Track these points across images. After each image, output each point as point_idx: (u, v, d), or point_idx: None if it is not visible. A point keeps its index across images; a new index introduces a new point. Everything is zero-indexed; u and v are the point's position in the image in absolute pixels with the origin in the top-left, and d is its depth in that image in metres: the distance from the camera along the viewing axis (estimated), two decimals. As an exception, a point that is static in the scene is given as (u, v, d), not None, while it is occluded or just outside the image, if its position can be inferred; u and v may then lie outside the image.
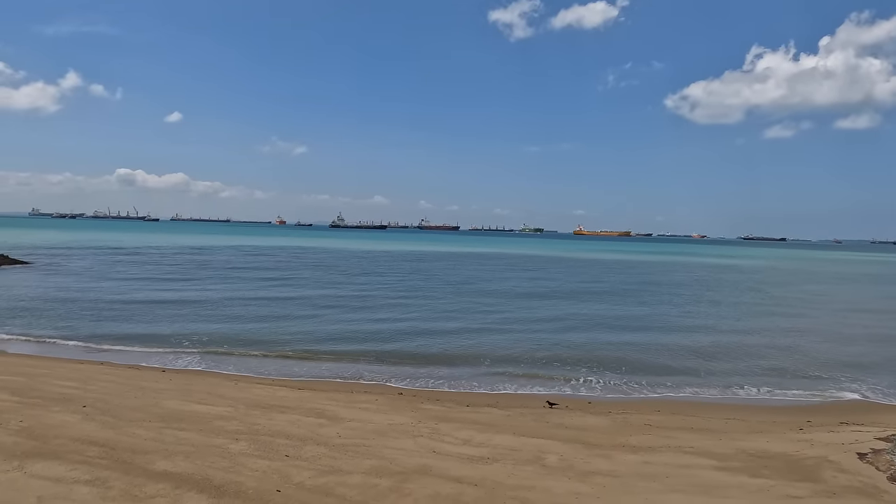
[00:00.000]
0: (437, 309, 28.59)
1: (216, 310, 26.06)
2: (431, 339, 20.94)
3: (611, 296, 37.05)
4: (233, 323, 22.89)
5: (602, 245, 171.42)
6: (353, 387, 14.52)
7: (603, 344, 20.97)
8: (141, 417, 9.52)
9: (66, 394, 11.01)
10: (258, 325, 22.71)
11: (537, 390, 14.91)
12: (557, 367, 17.29)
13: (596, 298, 35.22)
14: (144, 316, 23.90)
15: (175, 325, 21.93)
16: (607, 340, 21.66)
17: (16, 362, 14.90)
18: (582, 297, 35.45)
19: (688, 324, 26.40)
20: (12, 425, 8.47)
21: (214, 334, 20.36)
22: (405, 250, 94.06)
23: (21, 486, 6.16)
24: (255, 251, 77.82)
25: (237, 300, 29.42)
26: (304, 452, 8.11)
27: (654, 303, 34.04)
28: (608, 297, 35.88)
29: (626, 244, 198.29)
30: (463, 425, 10.61)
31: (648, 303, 33.89)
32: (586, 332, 23.26)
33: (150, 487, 6.34)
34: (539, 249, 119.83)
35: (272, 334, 20.84)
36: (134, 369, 15.28)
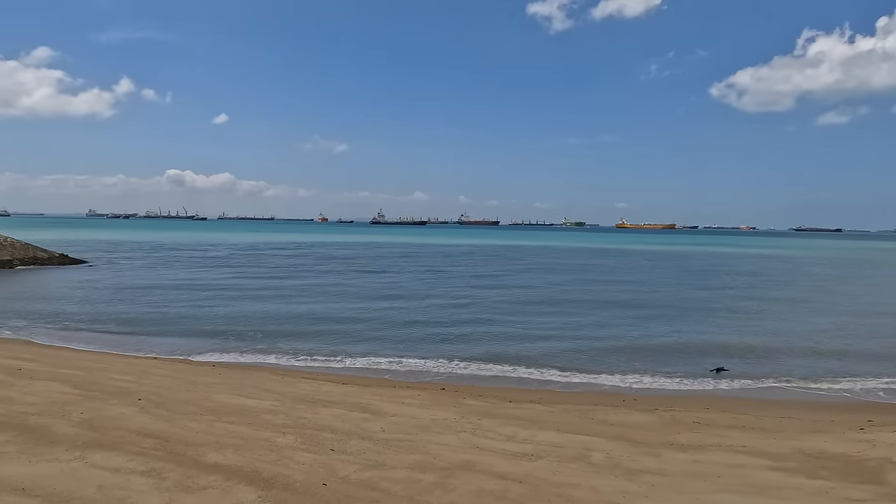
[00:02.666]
0: (483, 305, 28.53)
1: (268, 305, 26.71)
2: (475, 334, 20.91)
3: (657, 288, 36.20)
4: (281, 319, 23.41)
5: (646, 238, 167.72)
6: (395, 382, 14.63)
7: (648, 338, 20.52)
8: (193, 411, 9.82)
9: (122, 387, 11.47)
10: (306, 320, 23.16)
11: (580, 386, 14.70)
12: (601, 362, 17.01)
13: (640, 291, 34.47)
14: (196, 312, 24.69)
15: (224, 321, 22.58)
16: (653, 334, 21.18)
17: (76, 357, 15.62)
18: (625, 290, 34.76)
19: (738, 318, 25.56)
20: (74, 417, 8.87)
21: (265, 329, 20.86)
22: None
23: (82, 476, 6.44)
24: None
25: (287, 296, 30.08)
26: (348, 446, 8.21)
27: (703, 296, 33.10)
28: (653, 290, 35.07)
29: (671, 237, 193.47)
30: (506, 421, 10.55)
31: (697, 296, 32.98)
32: (630, 326, 22.79)
33: (202, 479, 6.53)
34: (582, 242, 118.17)
35: (318, 329, 21.21)
36: (185, 364, 15.80)
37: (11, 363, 13.40)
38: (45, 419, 8.67)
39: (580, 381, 15.14)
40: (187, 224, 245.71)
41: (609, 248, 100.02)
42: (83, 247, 65.18)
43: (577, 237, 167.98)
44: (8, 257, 42.24)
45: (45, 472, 6.46)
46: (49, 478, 6.32)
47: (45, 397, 10.13)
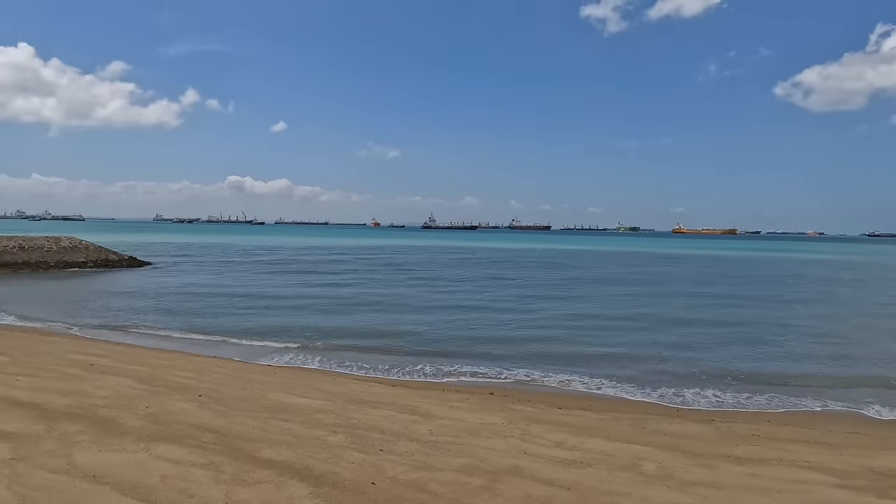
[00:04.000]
0: (535, 308, 28.32)
1: (321, 308, 27.38)
2: (525, 338, 20.77)
3: (717, 294, 34.93)
4: (335, 319, 23.93)
5: (706, 243, 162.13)
6: (444, 385, 14.70)
7: (704, 345, 19.84)
8: (249, 408, 10.18)
9: (184, 384, 12.01)
10: (360, 321, 23.60)
11: (632, 394, 14.37)
12: (655, 370, 16.56)
13: (700, 297, 33.35)
14: (252, 313, 25.55)
15: (279, 322, 23.27)
16: (710, 341, 20.46)
17: (142, 354, 16.44)
18: (684, 295, 33.71)
19: (803, 326, 24.35)
20: (140, 411, 9.36)
21: (318, 331, 21.38)
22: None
23: (147, 466, 6.79)
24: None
25: (347, 297, 30.73)
26: (397, 447, 8.32)
27: (767, 302, 31.72)
28: (714, 296, 33.86)
29: (733, 242, 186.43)
30: (555, 427, 10.44)
31: (760, 302, 31.63)
32: (686, 332, 22.09)
33: (257, 473, 6.77)
34: (639, 247, 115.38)
35: (371, 330, 21.57)
36: (242, 363, 16.37)
37: (85, 358, 14.26)
38: (114, 412, 9.18)
39: (632, 390, 14.79)
40: (246, 228, 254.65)
41: (669, 252, 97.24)
42: (149, 250, 68.52)
43: (634, 242, 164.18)
44: (82, 259, 44.92)
45: (113, 462, 6.85)
46: (117, 467, 6.70)
47: (114, 391, 10.73)
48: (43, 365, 12.99)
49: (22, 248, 43.51)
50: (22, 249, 43.43)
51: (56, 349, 15.78)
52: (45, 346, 16.43)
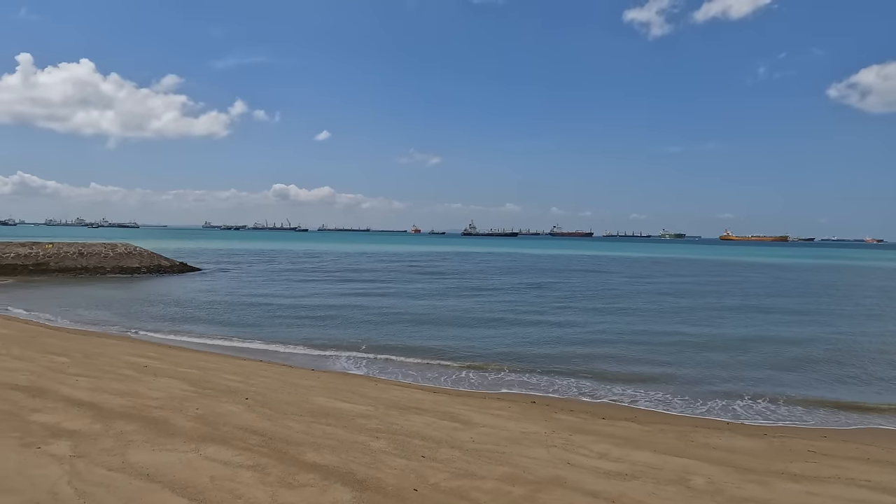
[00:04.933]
0: (581, 317, 27.94)
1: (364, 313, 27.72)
2: (568, 348, 20.49)
3: (770, 306, 33.68)
4: (377, 325, 24.18)
5: (758, 250, 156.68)
6: (486, 393, 14.63)
7: (757, 358, 19.14)
8: (294, 411, 10.37)
9: (231, 387, 12.33)
10: (402, 328, 23.78)
11: (679, 407, 13.97)
12: (704, 382, 16.07)
13: (751, 309, 32.23)
14: (297, 317, 26.07)
15: (322, 328, 23.66)
16: (762, 354, 19.73)
17: (191, 357, 16.97)
18: (735, 308, 32.65)
19: (864, 340, 23.22)
20: (190, 412, 9.66)
21: (361, 336, 21.65)
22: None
23: (197, 466, 6.99)
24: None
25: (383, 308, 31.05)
26: (439, 454, 8.32)
27: (825, 313, 30.40)
28: (767, 309, 32.66)
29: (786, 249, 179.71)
30: (598, 438, 10.25)
31: (817, 312, 30.35)
32: (737, 345, 21.35)
33: (301, 476, 6.88)
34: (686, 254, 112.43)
35: (412, 337, 21.69)
36: (287, 367, 16.70)
37: (139, 360, 14.82)
38: (166, 412, 9.50)
39: (679, 402, 14.38)
40: (290, 235, 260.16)
41: (718, 259, 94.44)
42: (199, 256, 70.83)
43: (680, 249, 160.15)
44: (137, 265, 46.78)
45: (165, 461, 7.08)
46: (169, 466, 6.92)
47: (166, 392, 11.11)
48: (100, 366, 13.56)
49: (81, 254, 45.64)
50: (81, 255, 45.55)
51: (112, 351, 16.45)
52: (103, 347, 17.16)
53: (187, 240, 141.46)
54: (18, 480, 6.17)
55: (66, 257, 44.76)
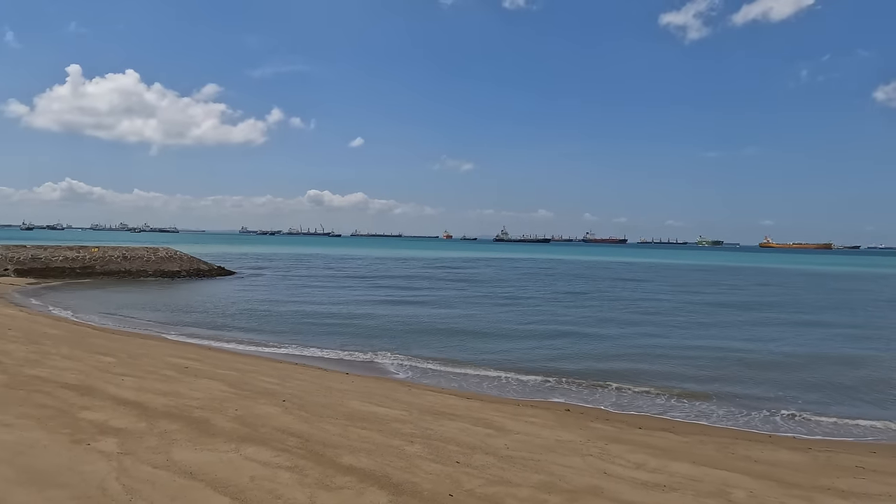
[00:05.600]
0: (617, 327, 27.58)
1: (397, 318, 27.92)
2: (603, 356, 20.24)
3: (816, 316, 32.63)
4: (410, 330, 24.32)
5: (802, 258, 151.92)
6: (519, 400, 14.55)
7: (800, 370, 18.56)
8: (329, 414, 10.50)
9: (268, 389, 12.55)
10: (434, 334, 23.86)
11: (718, 418, 13.64)
12: (745, 393, 15.66)
13: (795, 320, 31.27)
14: (330, 321, 26.41)
15: (356, 331, 23.91)
16: (806, 366, 19.11)
17: (229, 359, 17.35)
18: (776, 315, 31.72)
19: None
20: (230, 413, 9.88)
21: (395, 341, 21.81)
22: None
23: (237, 466, 7.14)
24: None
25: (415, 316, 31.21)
26: (473, 460, 8.31)
27: (872, 327, 29.28)
28: (810, 319, 31.65)
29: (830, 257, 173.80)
30: (635, 448, 10.09)
31: (865, 326, 29.25)
32: (780, 356, 20.74)
33: (338, 479, 6.97)
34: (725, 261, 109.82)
35: (445, 343, 21.74)
36: (322, 370, 16.92)
37: (180, 362, 15.22)
38: (207, 413, 9.73)
39: (719, 413, 14.04)
40: (324, 240, 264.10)
41: (760, 267, 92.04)
42: (236, 260, 72.41)
43: (718, 256, 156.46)
44: (177, 268, 48.13)
45: (207, 460, 7.26)
46: (211, 465, 7.09)
47: (206, 393, 11.38)
48: (144, 366, 13.98)
49: (125, 258, 47.19)
50: (125, 259, 47.10)
51: (155, 352, 16.94)
52: (146, 348, 17.69)
53: (224, 244, 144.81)
54: (70, 476, 6.41)
55: (110, 261, 46.34)
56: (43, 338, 17.65)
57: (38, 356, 13.98)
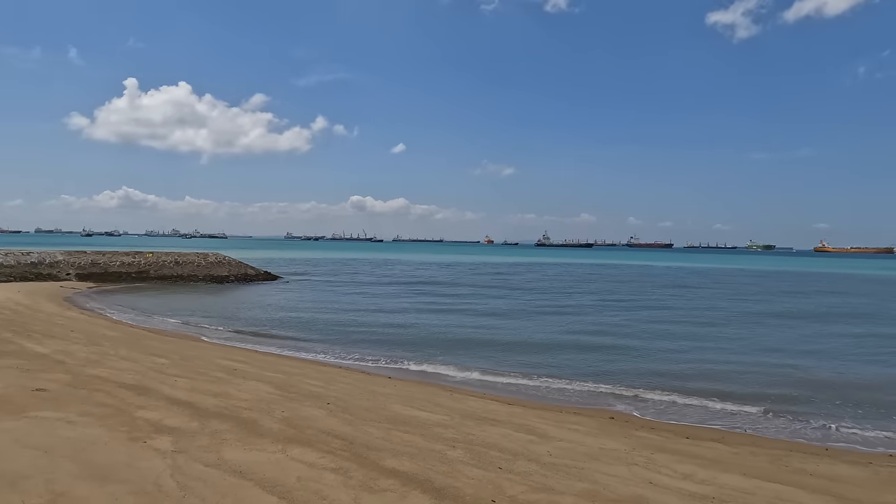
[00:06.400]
0: (663, 334, 26.99)
1: (438, 322, 28.06)
2: (649, 363, 19.82)
3: (879, 323, 31.11)
4: (451, 335, 24.40)
5: (861, 262, 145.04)
6: (561, 406, 14.39)
7: (864, 382, 17.71)
8: (373, 418, 10.64)
9: (313, 391, 12.81)
10: (476, 339, 23.88)
11: (771, 429, 13.15)
12: (799, 403, 15.05)
13: (862, 325, 29.89)
14: (374, 325, 26.74)
15: (400, 336, 24.13)
16: (872, 378, 18.23)
17: (276, 361, 17.78)
18: (836, 323, 30.39)
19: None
20: (277, 414, 10.13)
21: (437, 345, 21.92)
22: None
23: (284, 467, 7.32)
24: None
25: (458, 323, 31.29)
26: (515, 466, 8.28)
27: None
28: (876, 324, 30.20)
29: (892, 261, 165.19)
30: (682, 458, 9.84)
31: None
32: (842, 365, 19.85)
33: (382, 481, 7.06)
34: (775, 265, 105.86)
35: (488, 348, 21.71)
36: (365, 374, 17.15)
37: (229, 364, 15.70)
38: (255, 414, 10.01)
39: (772, 424, 13.55)
40: (366, 245, 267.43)
41: (818, 272, 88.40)
42: (281, 265, 74.15)
43: (771, 261, 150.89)
44: (226, 273, 49.64)
45: (256, 460, 7.47)
46: (259, 465, 7.29)
47: (254, 395, 11.71)
48: (195, 368, 14.48)
49: (177, 263, 48.98)
50: (177, 264, 48.89)
51: (205, 354, 17.53)
52: (196, 350, 18.32)
53: (270, 250, 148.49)
54: (128, 472, 6.71)
55: (163, 266, 48.18)
56: (102, 339, 18.50)
57: (98, 357, 14.67)
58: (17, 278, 40.18)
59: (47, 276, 42.07)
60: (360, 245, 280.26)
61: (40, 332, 18.44)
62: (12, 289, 34.33)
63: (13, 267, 41.58)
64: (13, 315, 22.97)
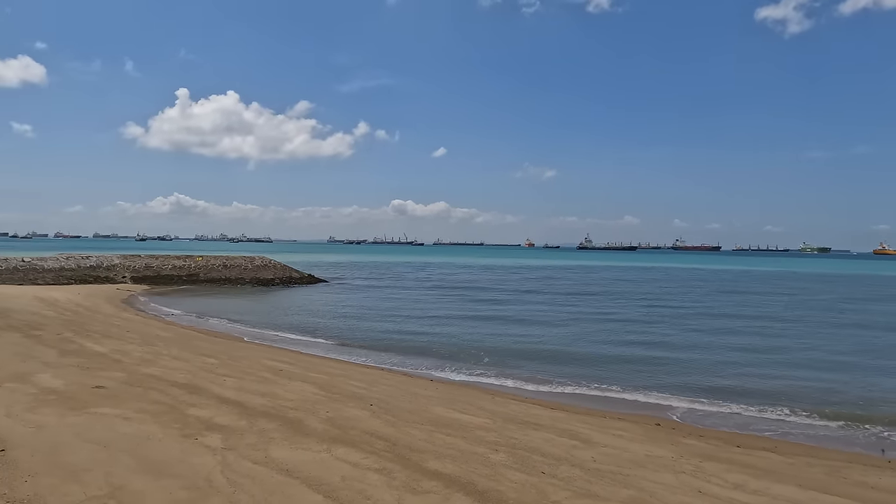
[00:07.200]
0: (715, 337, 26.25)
1: (481, 326, 28.03)
2: (699, 370, 19.28)
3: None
4: (495, 339, 24.32)
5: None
6: (605, 412, 14.14)
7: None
8: (415, 420, 10.70)
9: (356, 393, 12.97)
10: (518, 344, 23.74)
11: (828, 439, 12.58)
12: (860, 413, 14.34)
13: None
14: (415, 328, 26.90)
15: (442, 339, 24.20)
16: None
17: (319, 363, 18.09)
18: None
19: None
20: (321, 415, 10.31)
21: (480, 349, 21.89)
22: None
23: (329, 466, 7.44)
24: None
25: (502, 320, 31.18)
26: (559, 472, 8.18)
27: None
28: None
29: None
30: (733, 467, 9.52)
31: None
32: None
33: (425, 483, 7.09)
34: (832, 269, 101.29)
35: (531, 352, 21.56)
36: (407, 376, 17.27)
37: (275, 364, 16.07)
38: (300, 414, 10.21)
39: (829, 434, 12.97)
40: (407, 249, 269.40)
41: (888, 276, 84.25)
42: (324, 269, 75.43)
43: (829, 264, 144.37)
44: (271, 276, 50.84)
45: (302, 459, 7.62)
46: (304, 464, 7.43)
47: (299, 395, 11.94)
48: (243, 368, 14.88)
49: (225, 266, 50.47)
50: (225, 267, 50.38)
51: (252, 355, 17.98)
52: (244, 351, 18.82)
53: (314, 253, 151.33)
54: (181, 467, 6.95)
55: (212, 269, 49.73)
56: (156, 339, 19.22)
57: (152, 356, 15.25)
58: (78, 281, 42.21)
59: (105, 278, 44.02)
60: (400, 248, 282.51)
61: (99, 333, 19.30)
62: (73, 291, 36.06)
63: (74, 270, 43.71)
64: (74, 316, 24.11)
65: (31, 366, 12.44)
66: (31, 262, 43.13)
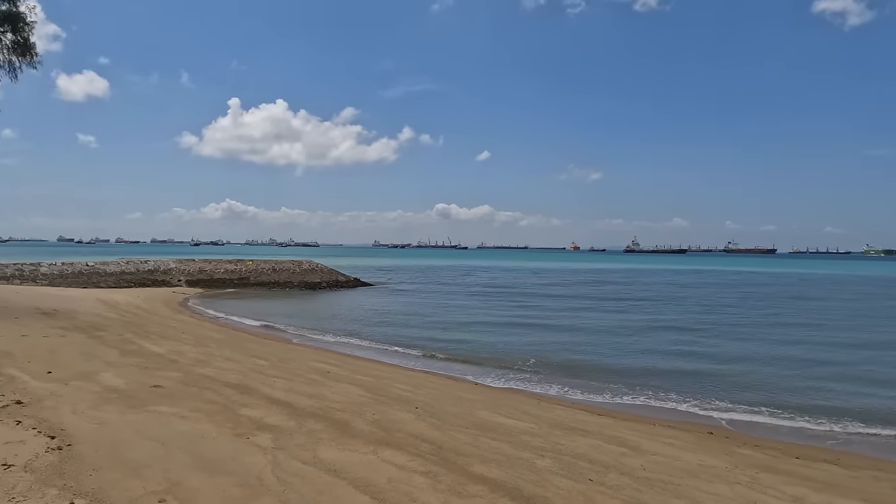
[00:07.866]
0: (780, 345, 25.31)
1: (526, 330, 27.83)
2: (756, 375, 18.60)
3: None
4: (538, 344, 24.11)
5: None
6: (654, 419, 13.79)
7: None
8: (460, 423, 10.70)
9: (402, 395, 13.07)
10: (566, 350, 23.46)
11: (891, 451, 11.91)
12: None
13: None
14: (464, 333, 26.93)
15: (485, 344, 24.14)
16: None
17: (366, 365, 18.31)
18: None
19: None
20: (367, 417, 10.43)
21: (525, 353, 21.74)
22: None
23: (376, 468, 7.52)
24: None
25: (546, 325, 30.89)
26: (607, 479, 8.02)
27: None
28: None
29: None
30: (791, 479, 9.12)
31: None
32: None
33: (470, 487, 7.07)
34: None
35: (578, 359, 21.26)
36: (452, 379, 17.30)
37: (322, 366, 16.37)
38: (347, 415, 10.36)
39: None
40: (451, 253, 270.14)
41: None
42: (370, 272, 76.43)
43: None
44: (318, 279, 51.88)
45: (349, 460, 7.73)
46: (351, 465, 7.54)
47: (346, 397, 12.12)
48: (291, 370, 15.22)
49: (274, 270, 51.82)
50: (274, 271, 51.72)
51: (300, 356, 18.38)
52: (292, 353, 19.25)
53: (359, 257, 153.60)
54: (233, 465, 7.16)
55: (262, 273, 51.13)
56: (209, 341, 19.89)
57: (205, 357, 15.78)
58: (137, 284, 44.16)
59: (161, 282, 45.89)
60: (444, 252, 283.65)
61: (157, 334, 20.11)
62: (132, 293, 37.73)
63: (133, 274, 45.77)
64: (133, 318, 25.21)
65: (95, 365, 13.06)
66: (94, 267, 45.43)
